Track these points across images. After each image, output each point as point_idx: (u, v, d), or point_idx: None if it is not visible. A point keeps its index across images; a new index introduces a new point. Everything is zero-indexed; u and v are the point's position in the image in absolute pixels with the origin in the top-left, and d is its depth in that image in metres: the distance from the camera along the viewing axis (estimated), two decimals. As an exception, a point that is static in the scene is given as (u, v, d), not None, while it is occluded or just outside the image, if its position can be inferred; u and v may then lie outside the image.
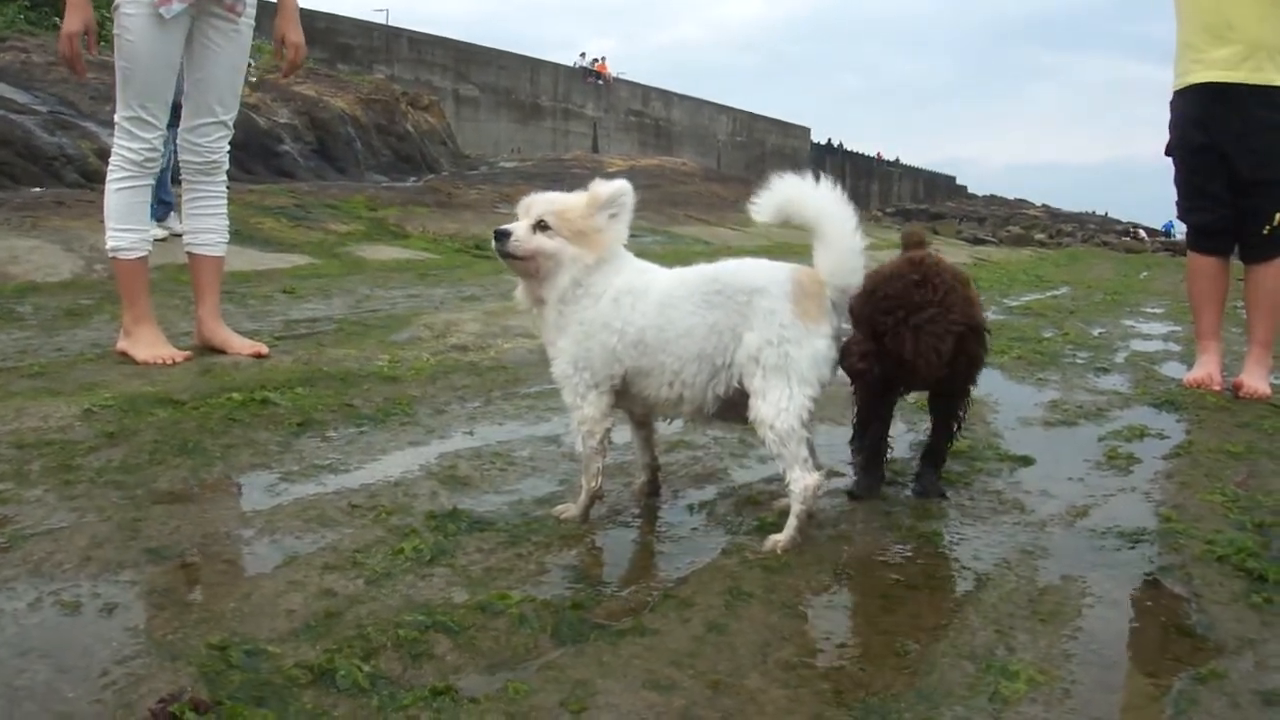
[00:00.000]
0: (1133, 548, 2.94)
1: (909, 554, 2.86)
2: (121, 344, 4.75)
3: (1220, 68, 4.98)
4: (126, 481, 3.11)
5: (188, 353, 4.74)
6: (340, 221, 10.95)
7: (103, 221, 4.69)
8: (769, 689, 2.06)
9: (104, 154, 11.73)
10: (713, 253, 11.44)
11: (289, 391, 4.12)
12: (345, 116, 16.18)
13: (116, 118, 4.57)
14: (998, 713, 1.99)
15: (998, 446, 3.96)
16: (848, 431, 4.12)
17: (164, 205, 8.61)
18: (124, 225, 4.66)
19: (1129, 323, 8.41)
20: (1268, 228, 4.99)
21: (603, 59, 40.87)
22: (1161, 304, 9.97)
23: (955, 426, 3.38)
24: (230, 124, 4.89)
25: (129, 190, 4.64)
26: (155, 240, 7.89)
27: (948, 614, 2.47)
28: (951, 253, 14.05)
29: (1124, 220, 44.13)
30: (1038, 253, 21.29)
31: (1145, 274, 15.48)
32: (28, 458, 3.22)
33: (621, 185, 2.92)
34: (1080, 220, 43.79)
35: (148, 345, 4.69)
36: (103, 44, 5.51)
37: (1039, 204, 50.07)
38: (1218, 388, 5.09)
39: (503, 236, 2.87)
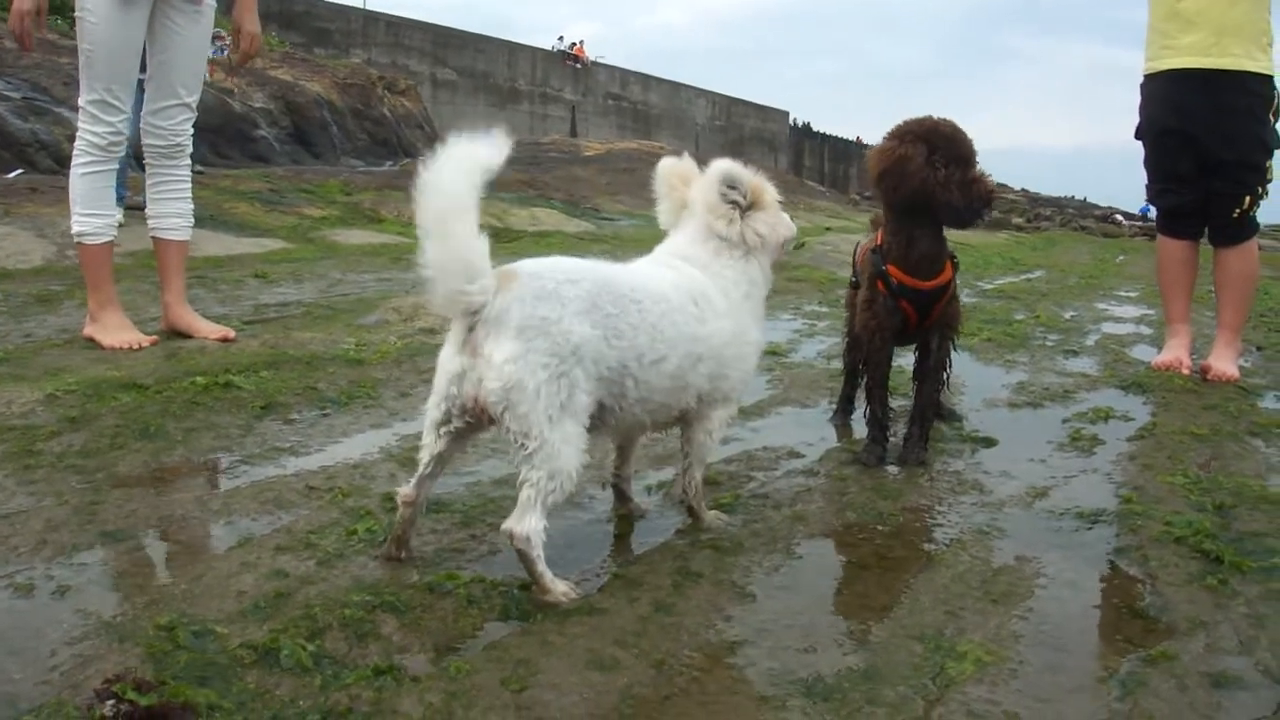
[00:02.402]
0: (1090, 529, 2.95)
1: (864, 535, 2.87)
2: (88, 329, 4.73)
3: (1190, 54, 4.99)
4: (86, 466, 3.10)
5: (154, 337, 4.72)
6: (315, 206, 10.92)
7: None
8: (713, 669, 2.07)
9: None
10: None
11: (253, 375, 4.11)
12: (321, 101, 16.10)
13: (80, 102, 4.53)
14: (941, 692, 2.00)
15: (960, 428, 3.99)
16: (807, 411, 4.19)
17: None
18: (89, 210, 4.63)
19: (1102, 306, 8.44)
20: (1237, 210, 5.01)
21: (580, 43, 40.74)
22: (1135, 288, 10.01)
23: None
24: (194, 106, 4.86)
25: (94, 175, 4.61)
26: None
27: (898, 594, 2.48)
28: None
29: (1103, 205, 44.20)
30: (1014, 236, 21.30)
31: (1121, 258, 15.53)
32: (-12, 443, 3.21)
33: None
34: (1059, 205, 43.84)
35: (114, 330, 4.67)
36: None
37: (1018, 188, 50.11)
38: (1186, 371, 5.11)
39: None
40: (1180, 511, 3.02)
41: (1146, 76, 5.26)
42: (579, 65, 39.89)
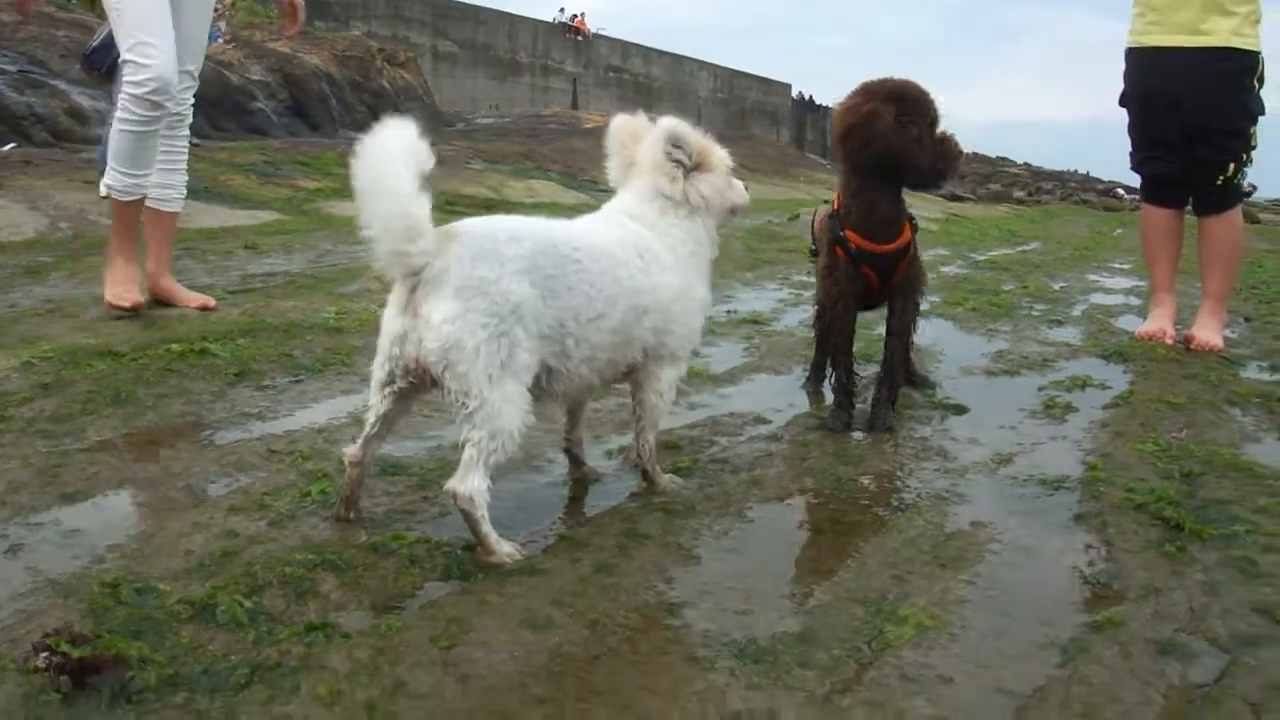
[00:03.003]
0: (1051, 495, 2.95)
1: (820, 499, 2.88)
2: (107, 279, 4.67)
3: (1178, 32, 4.97)
4: (55, 431, 3.12)
5: (141, 300, 4.65)
6: (310, 178, 10.88)
7: (69, 179, 4.62)
8: (647, 630, 2.08)
9: (74, 113, 11.69)
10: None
11: (230, 343, 4.12)
12: (320, 73, 16.03)
13: (121, 58, 4.42)
14: (875, 655, 2.01)
15: (932, 395, 3.98)
16: (780, 379, 4.20)
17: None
18: (122, 167, 4.51)
19: (1093, 277, 8.42)
20: (1221, 178, 4.99)
21: (581, 15, 40.42)
22: (1130, 260, 9.98)
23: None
24: (195, 75, 4.79)
25: (132, 134, 4.46)
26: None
27: (846, 558, 2.48)
28: (924, 207, 14.03)
29: (1106, 179, 44.02)
30: (1014, 209, 21.30)
31: (1119, 231, 15.48)
32: (-41, 409, 3.23)
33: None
34: (1061, 178, 43.70)
35: (116, 283, 4.61)
36: (73, 1, 5.43)
37: (1021, 162, 49.89)
38: (1170, 340, 5.10)
39: None
40: (1144, 479, 3.02)
41: (1132, 49, 5.25)
42: (580, 37, 39.59)
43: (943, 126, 3.37)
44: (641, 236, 2.66)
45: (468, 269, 2.27)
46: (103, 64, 8.51)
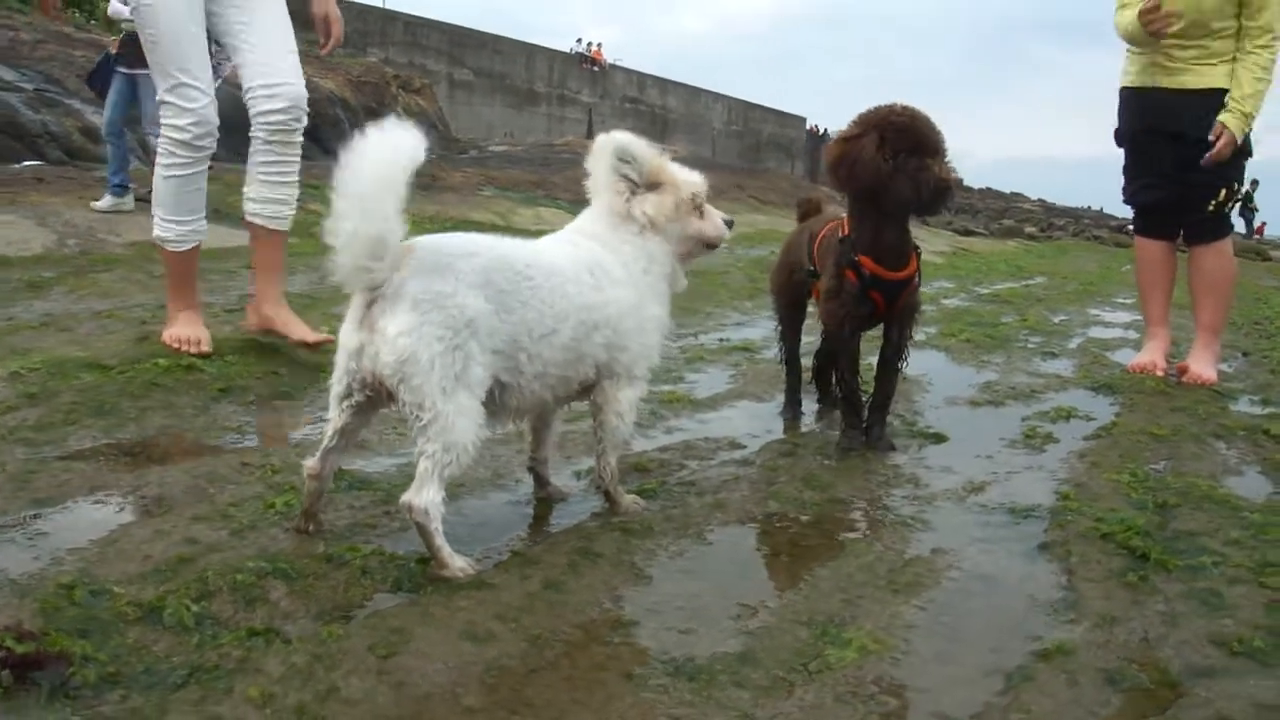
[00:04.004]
0: (1018, 524, 2.94)
1: (782, 523, 2.89)
2: (166, 333, 4.38)
3: (1171, 75, 4.99)
4: (36, 439, 3.16)
5: (209, 349, 4.28)
6: (320, 202, 10.89)
7: (80, 197, 4.58)
8: (587, 646, 2.10)
9: (87, 131, 11.80)
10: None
11: (218, 359, 4.15)
12: (334, 98, 16.18)
13: (159, 98, 4.21)
14: (810, 678, 2.01)
15: (913, 424, 3.99)
16: (761, 406, 4.21)
17: (122, 188, 8.56)
18: (170, 215, 4.27)
19: (1094, 311, 8.41)
20: (1213, 203, 4.98)
21: (598, 45, 40.60)
22: (1134, 294, 9.94)
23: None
24: (298, 80, 4.47)
25: (177, 178, 4.22)
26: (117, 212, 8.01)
27: (799, 581, 2.49)
28: (932, 242, 14.05)
29: (1120, 215, 43.85)
30: (1024, 245, 21.26)
31: (1128, 267, 15.43)
32: (-56, 417, 3.27)
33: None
34: (1075, 215, 43.50)
35: (180, 326, 4.36)
36: (94, 22, 5.45)
37: (1035, 198, 49.76)
38: (1160, 373, 5.09)
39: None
40: (1115, 508, 3.00)
41: (1129, 88, 5.26)
42: (596, 68, 39.75)
43: (946, 153, 3.37)
44: (593, 253, 2.69)
45: (424, 283, 2.30)
46: (98, 84, 8.90)
